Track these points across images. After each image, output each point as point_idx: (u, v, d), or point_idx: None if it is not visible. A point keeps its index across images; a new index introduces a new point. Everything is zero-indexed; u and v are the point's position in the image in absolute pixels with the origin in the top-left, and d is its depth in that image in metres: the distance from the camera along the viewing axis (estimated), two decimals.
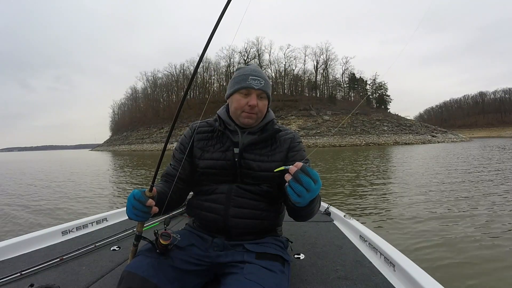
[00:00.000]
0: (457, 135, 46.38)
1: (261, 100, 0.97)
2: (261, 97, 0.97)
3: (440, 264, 2.28)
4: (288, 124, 43.53)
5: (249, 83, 0.95)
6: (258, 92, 0.96)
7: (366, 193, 5.22)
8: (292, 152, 1.00)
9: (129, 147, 57.30)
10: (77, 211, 4.62)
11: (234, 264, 0.86)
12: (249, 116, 0.96)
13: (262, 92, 0.97)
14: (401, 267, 0.99)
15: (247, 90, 0.95)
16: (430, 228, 3.15)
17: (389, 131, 43.33)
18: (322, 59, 60.94)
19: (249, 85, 0.95)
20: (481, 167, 8.41)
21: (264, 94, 0.98)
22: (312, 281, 1.00)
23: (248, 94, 0.96)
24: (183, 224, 1.29)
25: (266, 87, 0.98)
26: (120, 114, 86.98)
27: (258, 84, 0.95)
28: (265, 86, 0.97)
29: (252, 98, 0.95)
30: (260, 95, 0.97)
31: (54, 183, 8.50)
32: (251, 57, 60.62)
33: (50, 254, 1.25)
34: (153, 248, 0.81)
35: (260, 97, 0.97)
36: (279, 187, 0.97)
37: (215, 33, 0.73)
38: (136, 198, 0.76)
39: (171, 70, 68.84)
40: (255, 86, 0.95)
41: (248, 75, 0.96)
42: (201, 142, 1.01)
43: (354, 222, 1.56)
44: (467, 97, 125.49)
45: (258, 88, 0.95)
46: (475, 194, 4.77)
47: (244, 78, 0.96)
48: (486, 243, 2.69)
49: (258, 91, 0.96)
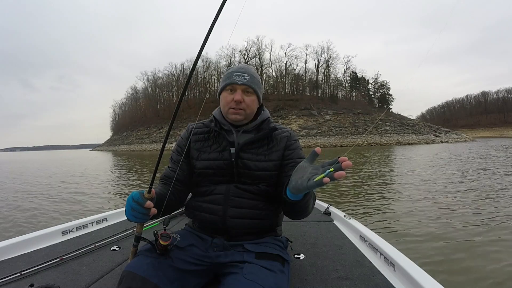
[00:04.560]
0: (460, 135, 46.06)
1: (247, 95, 0.97)
2: (247, 92, 0.97)
3: (440, 264, 2.27)
4: (288, 124, 43.48)
5: (233, 79, 0.96)
6: (242, 87, 0.96)
7: (366, 193, 5.21)
8: (288, 150, 0.99)
9: (128, 147, 57.49)
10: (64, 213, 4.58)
11: (234, 264, 0.86)
12: (236, 112, 0.96)
13: (247, 87, 0.97)
14: (401, 267, 0.99)
15: (232, 86, 0.96)
16: (430, 228, 3.13)
17: (391, 131, 43.01)
18: (323, 58, 60.95)
19: (233, 81, 0.96)
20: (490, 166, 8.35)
21: (251, 89, 0.97)
22: (312, 281, 0.99)
23: (233, 90, 0.97)
24: (182, 225, 1.29)
25: (252, 82, 0.97)
26: (120, 114, 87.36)
27: (242, 79, 0.96)
28: (250, 81, 0.97)
29: (236, 94, 0.95)
30: (245, 90, 0.97)
31: (46, 184, 8.42)
32: (252, 56, 60.65)
33: (50, 254, 1.25)
34: (153, 248, 0.81)
35: (246, 92, 0.97)
36: (276, 187, 0.97)
37: (211, 33, 0.72)
38: (134, 200, 0.76)
39: (171, 70, 69.02)
40: (239, 82, 0.95)
41: (233, 73, 0.97)
42: (197, 143, 1.01)
43: (354, 222, 1.56)
44: (470, 96, 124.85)
45: (242, 83, 0.95)
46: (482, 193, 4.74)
47: (229, 76, 0.97)
48: (488, 243, 2.67)
49: (242, 86, 0.96)
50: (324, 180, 0.59)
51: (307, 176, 0.65)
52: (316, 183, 0.61)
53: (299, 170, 0.69)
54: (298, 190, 0.68)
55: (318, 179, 0.61)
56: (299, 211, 0.86)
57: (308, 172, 0.66)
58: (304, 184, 0.64)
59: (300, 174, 0.68)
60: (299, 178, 0.67)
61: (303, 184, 0.65)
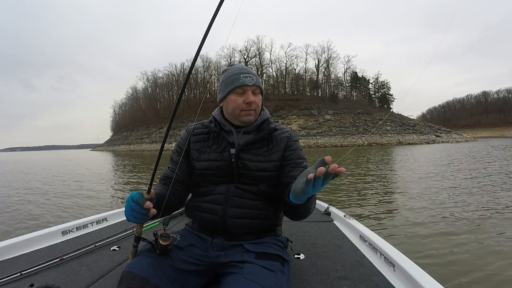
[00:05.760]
0: (461, 135, 45.95)
1: (256, 95, 0.98)
2: (256, 92, 0.98)
3: (440, 264, 2.26)
4: (289, 124, 43.48)
5: (242, 81, 0.95)
6: (252, 88, 0.96)
7: (366, 193, 5.21)
8: (288, 151, 0.99)
9: (128, 147, 57.54)
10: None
11: (234, 264, 0.86)
12: (249, 114, 0.96)
13: (256, 88, 0.97)
14: (401, 267, 0.99)
15: (242, 88, 0.95)
16: (431, 228, 3.13)
17: (392, 131, 42.94)
18: (323, 57, 61.01)
19: (243, 83, 0.95)
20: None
21: (258, 90, 0.98)
22: (312, 281, 0.99)
23: (243, 92, 0.96)
24: (182, 225, 1.29)
25: (259, 82, 0.98)
26: (120, 114, 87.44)
27: (251, 80, 0.96)
28: (257, 81, 0.98)
29: (248, 95, 0.95)
30: (254, 91, 0.97)
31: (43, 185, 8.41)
32: (252, 56, 60.65)
33: (50, 254, 1.25)
34: (153, 249, 0.81)
35: (254, 93, 0.97)
36: (277, 187, 0.97)
37: (209, 32, 0.72)
38: (134, 200, 0.76)
39: (171, 70, 69.08)
40: (249, 83, 0.95)
41: (238, 74, 0.96)
42: (197, 143, 1.01)
43: (354, 222, 1.55)
44: (470, 96, 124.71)
45: (252, 85, 0.95)
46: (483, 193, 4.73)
47: (236, 78, 0.96)
48: (489, 244, 2.67)
49: (252, 87, 0.96)
50: (309, 177, 0.61)
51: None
52: (305, 182, 0.63)
53: (303, 175, 0.70)
54: (297, 194, 0.69)
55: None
56: (300, 213, 0.87)
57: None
58: (299, 188, 0.67)
59: (301, 179, 0.69)
60: (299, 183, 0.69)
61: (299, 188, 0.67)
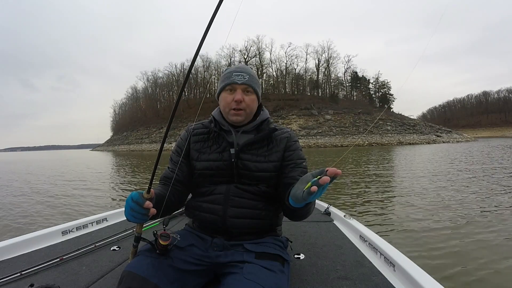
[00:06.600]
0: (462, 135, 45.89)
1: (247, 95, 0.97)
2: (247, 91, 0.97)
3: (440, 264, 2.26)
4: (289, 124, 43.46)
5: (232, 79, 0.95)
6: (242, 87, 0.96)
7: (366, 193, 5.20)
8: (288, 151, 0.99)
9: (128, 147, 57.52)
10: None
11: (234, 264, 0.86)
12: (237, 114, 0.96)
13: (247, 87, 0.96)
14: (401, 267, 0.99)
15: (231, 86, 0.96)
16: (432, 228, 3.13)
17: (392, 130, 42.83)
18: (324, 57, 60.91)
19: (232, 81, 0.95)
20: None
21: (250, 89, 0.97)
22: (312, 281, 0.99)
23: (233, 90, 0.96)
24: (182, 225, 1.29)
25: (251, 81, 0.97)
26: (120, 114, 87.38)
27: (241, 79, 0.95)
28: (249, 80, 0.96)
29: (237, 93, 0.95)
30: (245, 89, 0.96)
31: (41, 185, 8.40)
32: (252, 56, 60.63)
33: (50, 254, 1.25)
34: (153, 248, 0.81)
35: (246, 91, 0.97)
36: (276, 187, 0.97)
37: (208, 32, 0.72)
38: (133, 200, 0.76)
39: (171, 69, 68.99)
40: (239, 81, 0.95)
41: (232, 73, 0.97)
42: (197, 144, 1.01)
43: (354, 222, 1.55)
44: (471, 96, 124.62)
45: (242, 83, 0.95)
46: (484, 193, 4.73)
47: (228, 76, 0.97)
48: (493, 244, 2.66)
49: (242, 86, 0.96)
50: (312, 189, 0.61)
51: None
52: (306, 191, 0.64)
53: (302, 180, 0.70)
54: (297, 200, 0.70)
55: (306, 188, 0.64)
56: (300, 215, 0.88)
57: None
58: (300, 195, 0.67)
59: (301, 185, 0.69)
60: (298, 188, 0.69)
61: (300, 194, 0.67)
